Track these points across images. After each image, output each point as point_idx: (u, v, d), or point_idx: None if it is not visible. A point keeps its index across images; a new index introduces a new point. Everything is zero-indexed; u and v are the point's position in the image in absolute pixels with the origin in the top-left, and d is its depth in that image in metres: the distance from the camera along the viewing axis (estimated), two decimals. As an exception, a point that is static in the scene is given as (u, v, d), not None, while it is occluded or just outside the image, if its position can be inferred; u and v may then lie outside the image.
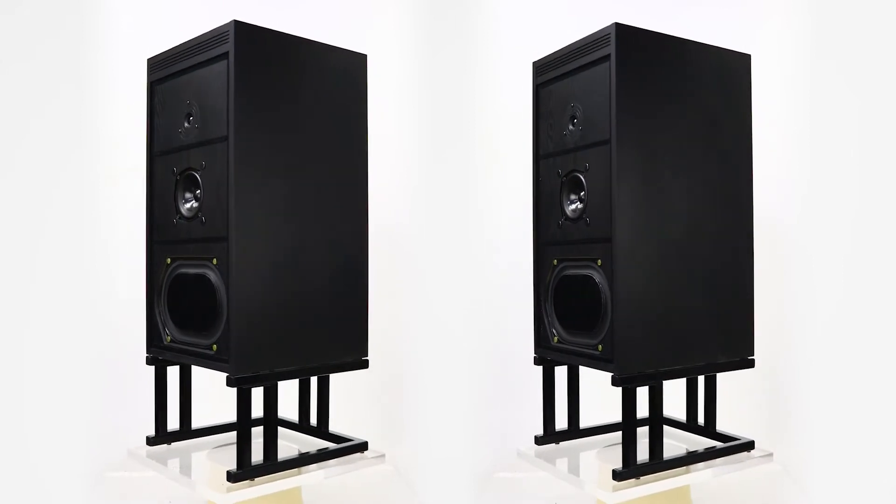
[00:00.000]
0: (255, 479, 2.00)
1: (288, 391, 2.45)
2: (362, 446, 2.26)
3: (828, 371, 2.36)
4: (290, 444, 2.32)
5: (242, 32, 1.96)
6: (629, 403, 2.06)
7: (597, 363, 2.11)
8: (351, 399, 2.54)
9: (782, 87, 2.59)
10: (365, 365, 2.24)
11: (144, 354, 2.23)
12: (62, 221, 2.26)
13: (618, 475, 2.02)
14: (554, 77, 2.29)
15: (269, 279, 2.01)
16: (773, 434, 2.54)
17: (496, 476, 2.56)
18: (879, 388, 2.24)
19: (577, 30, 2.19)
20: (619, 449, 2.17)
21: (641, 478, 2.05)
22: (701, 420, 2.42)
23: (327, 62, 2.16)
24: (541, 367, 2.40)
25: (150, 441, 2.29)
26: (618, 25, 2.03)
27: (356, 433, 2.35)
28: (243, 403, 1.98)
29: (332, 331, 2.16)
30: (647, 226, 2.05)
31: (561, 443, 2.41)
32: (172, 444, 2.32)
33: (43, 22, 2.18)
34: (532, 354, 2.40)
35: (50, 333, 2.25)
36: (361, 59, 2.26)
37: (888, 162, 2.25)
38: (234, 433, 2.29)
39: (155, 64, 2.24)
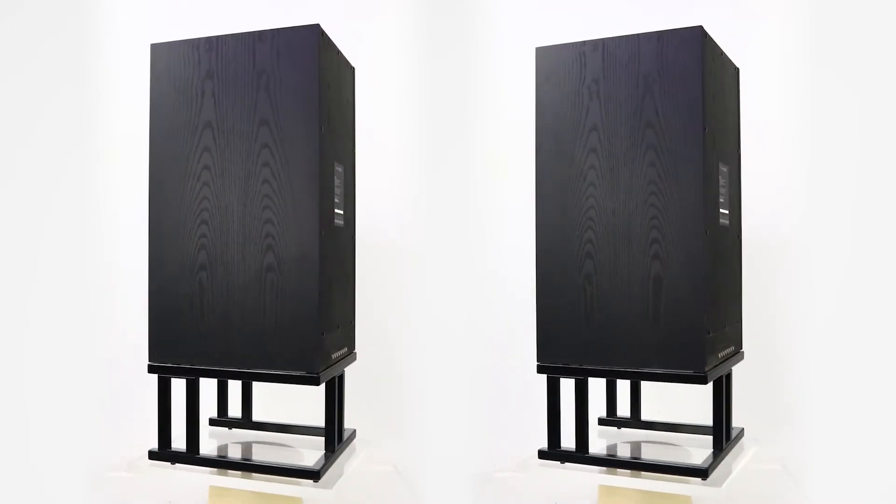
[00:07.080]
0: (175, 464, 2.15)
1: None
2: (314, 474, 2.07)
3: (827, 369, 2.34)
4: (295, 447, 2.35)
5: (158, 52, 2.15)
6: (551, 391, 2.19)
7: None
8: (353, 399, 2.41)
9: (779, 89, 2.56)
10: (314, 381, 2.03)
11: (147, 353, 2.46)
12: (62, 221, 2.35)
13: (542, 454, 2.19)
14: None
15: (183, 277, 2.12)
16: (773, 433, 2.52)
17: (496, 476, 2.44)
18: (879, 386, 2.22)
19: (578, 31, 2.24)
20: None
21: (565, 463, 2.18)
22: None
23: (263, 49, 2.08)
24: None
25: (212, 421, 2.58)
26: (537, 49, 2.20)
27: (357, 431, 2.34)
28: (162, 391, 2.16)
29: (271, 339, 2.07)
30: (563, 228, 2.17)
31: (622, 429, 2.53)
32: (233, 429, 2.56)
33: (43, 23, 2.31)
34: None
35: (50, 332, 2.32)
36: (311, 30, 2.06)
37: (889, 161, 2.23)
38: (285, 434, 2.47)
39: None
